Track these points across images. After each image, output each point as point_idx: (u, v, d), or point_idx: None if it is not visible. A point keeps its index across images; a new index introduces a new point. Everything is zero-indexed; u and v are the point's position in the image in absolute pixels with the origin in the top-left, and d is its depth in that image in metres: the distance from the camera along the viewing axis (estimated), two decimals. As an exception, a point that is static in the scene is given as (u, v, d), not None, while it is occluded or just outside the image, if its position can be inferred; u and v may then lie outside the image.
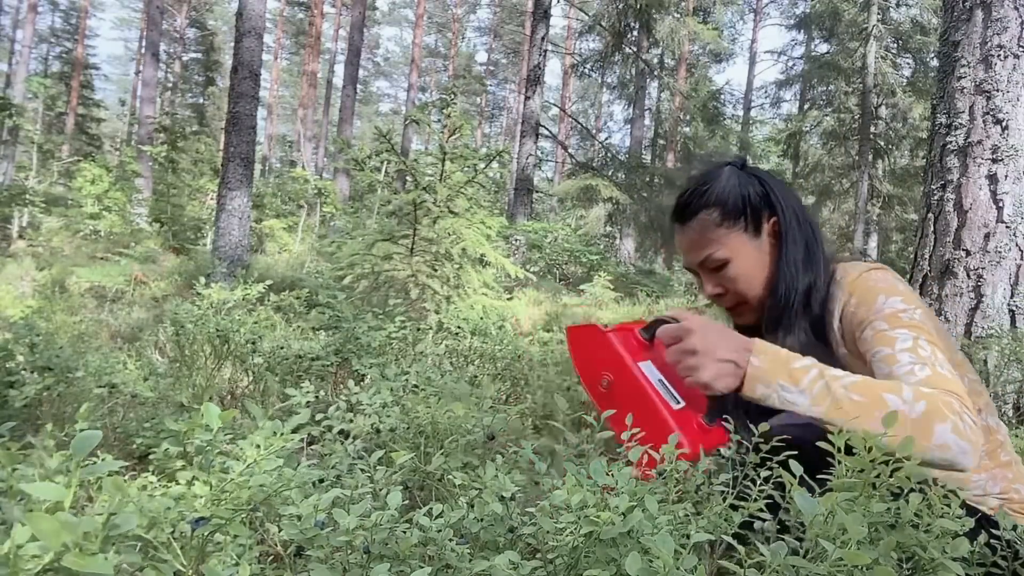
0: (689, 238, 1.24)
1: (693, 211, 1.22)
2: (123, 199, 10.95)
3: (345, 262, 4.13)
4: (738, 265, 1.20)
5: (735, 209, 1.19)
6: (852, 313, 1.12)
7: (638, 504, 0.78)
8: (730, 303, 1.25)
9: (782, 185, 1.24)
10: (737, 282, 1.21)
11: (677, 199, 1.27)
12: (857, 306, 1.12)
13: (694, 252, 1.23)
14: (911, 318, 1.06)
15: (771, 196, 1.21)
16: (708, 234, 1.20)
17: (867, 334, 1.08)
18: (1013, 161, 2.23)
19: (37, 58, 29.93)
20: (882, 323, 1.06)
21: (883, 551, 0.68)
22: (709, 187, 1.21)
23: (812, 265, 1.19)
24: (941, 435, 0.89)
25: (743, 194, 1.20)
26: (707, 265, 1.22)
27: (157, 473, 1.32)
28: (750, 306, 1.24)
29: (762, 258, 1.21)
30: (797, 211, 1.22)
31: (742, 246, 1.20)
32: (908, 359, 1.00)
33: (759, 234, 1.21)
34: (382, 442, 1.57)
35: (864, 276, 1.15)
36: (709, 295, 1.26)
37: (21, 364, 1.88)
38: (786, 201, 1.22)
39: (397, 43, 48.58)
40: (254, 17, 6.43)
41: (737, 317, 1.28)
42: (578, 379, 1.08)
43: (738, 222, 1.20)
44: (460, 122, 4.29)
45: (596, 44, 17.33)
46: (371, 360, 2.54)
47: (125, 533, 0.63)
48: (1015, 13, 2.23)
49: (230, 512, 0.83)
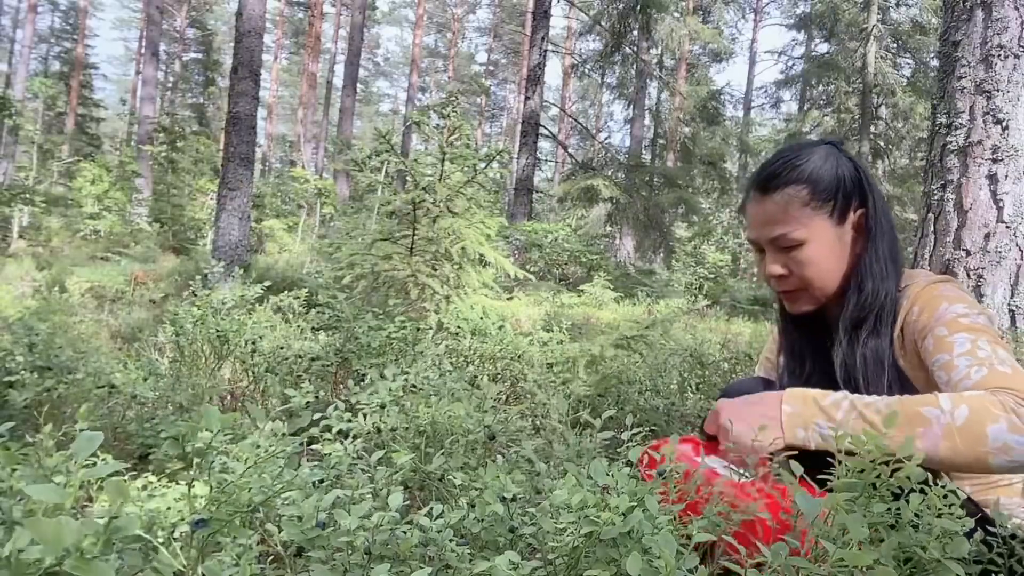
0: (767, 210, 1.16)
1: (781, 183, 1.14)
2: (123, 199, 10.95)
3: (344, 262, 4.13)
4: (814, 250, 1.13)
5: (827, 191, 1.12)
6: (914, 322, 1.09)
7: (638, 504, 0.78)
8: (790, 287, 1.18)
9: (873, 178, 1.18)
10: (807, 267, 1.14)
11: (764, 167, 1.18)
12: (919, 314, 1.08)
13: (769, 226, 1.15)
14: (973, 322, 1.02)
15: (864, 185, 1.15)
16: (791, 210, 1.13)
17: (928, 343, 1.05)
18: (1013, 161, 2.23)
19: (37, 58, 29.95)
20: (942, 328, 1.03)
21: (885, 552, 0.67)
22: (804, 162, 1.14)
23: (896, 267, 1.14)
24: (997, 436, 0.84)
25: (839, 176, 1.13)
26: (779, 243, 1.15)
27: (157, 473, 1.32)
28: (811, 295, 1.17)
29: (840, 248, 1.14)
30: (884, 208, 1.16)
31: (823, 231, 1.13)
32: (965, 363, 0.96)
33: (843, 223, 1.14)
34: (382, 442, 1.57)
35: (930, 287, 1.11)
36: (770, 274, 1.18)
37: (21, 364, 1.88)
38: (877, 194, 1.15)
39: (397, 43, 48.63)
40: (254, 17, 6.42)
41: (791, 303, 1.21)
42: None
43: (826, 205, 1.12)
44: (460, 122, 4.29)
45: (596, 44, 17.35)
46: (371, 360, 2.54)
47: (127, 535, 0.63)
48: (1015, 13, 2.23)
49: (230, 514, 0.83)
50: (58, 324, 3.43)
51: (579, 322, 5.44)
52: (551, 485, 1.02)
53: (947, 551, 0.72)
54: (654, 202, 13.85)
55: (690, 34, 15.26)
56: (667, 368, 2.99)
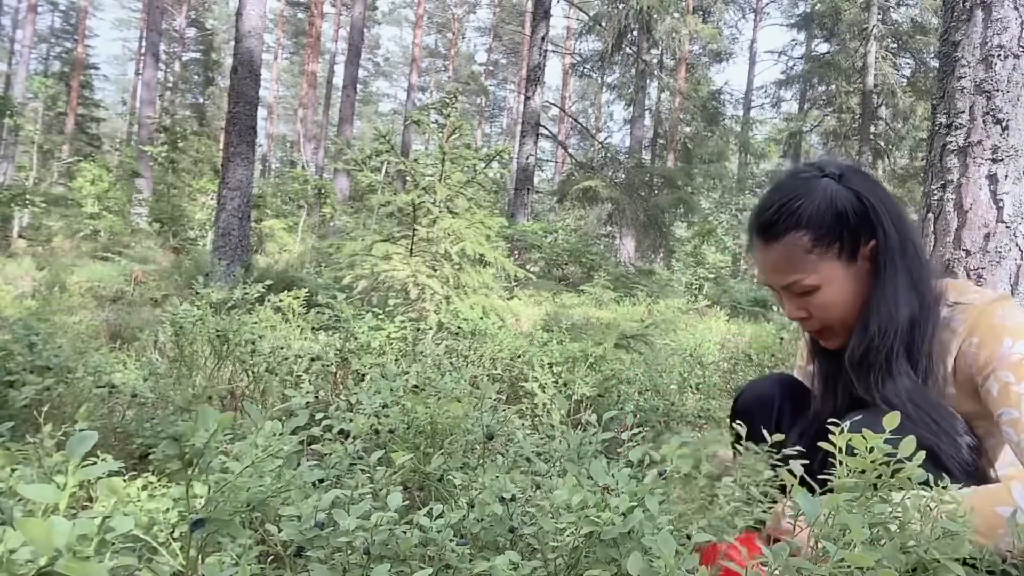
0: (772, 259, 1.10)
1: (780, 231, 1.07)
2: (123, 199, 10.95)
3: (345, 262, 4.13)
4: (828, 293, 1.07)
5: (830, 233, 1.05)
6: (973, 355, 1.00)
7: (638, 504, 0.78)
8: (814, 327, 1.14)
9: (884, 195, 1.09)
10: (825, 310, 1.09)
11: (760, 212, 1.11)
12: (980, 347, 0.99)
13: (778, 275, 1.10)
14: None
15: (871, 216, 1.06)
16: (796, 258, 1.07)
17: (991, 386, 0.97)
18: (1013, 161, 2.23)
19: (37, 58, 29.95)
20: (1008, 374, 0.95)
21: (887, 553, 0.67)
22: (801, 204, 1.06)
23: (916, 292, 1.06)
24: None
25: (840, 213, 1.05)
26: (792, 290, 1.10)
27: (157, 473, 1.32)
28: (836, 332, 1.13)
29: (857, 284, 1.08)
30: (899, 228, 1.07)
31: (834, 273, 1.07)
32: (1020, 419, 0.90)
33: (854, 259, 1.07)
34: (382, 442, 1.57)
35: (988, 311, 1.02)
36: (792, 318, 1.14)
37: (21, 364, 1.88)
38: (888, 219, 1.06)
39: (397, 43, 48.56)
40: (254, 17, 6.42)
41: (823, 340, 1.16)
42: None
43: (832, 247, 1.06)
44: (460, 122, 4.29)
45: (596, 44, 17.33)
46: (371, 360, 2.54)
47: (124, 534, 0.63)
48: (1015, 13, 2.23)
49: (228, 514, 0.83)
50: (58, 324, 3.42)
51: (579, 322, 5.44)
52: (551, 485, 1.02)
53: (947, 551, 0.72)
54: (654, 202, 13.85)
55: (690, 34, 15.26)
56: (667, 368, 2.99)
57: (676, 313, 6.76)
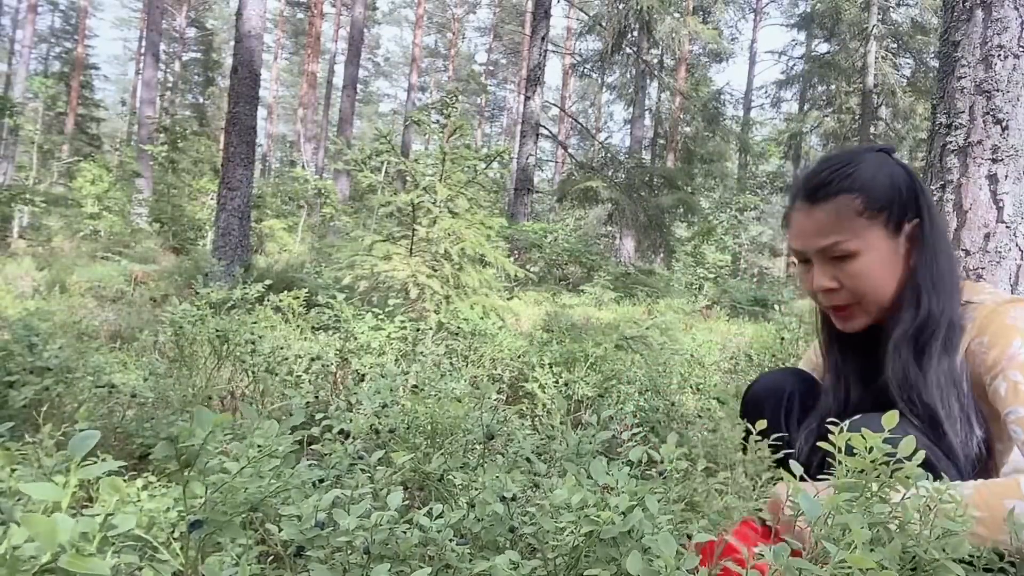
0: (817, 220, 1.08)
1: (832, 191, 1.07)
2: (123, 199, 10.95)
3: (345, 262, 4.13)
4: (867, 261, 1.06)
5: (881, 199, 1.06)
6: (982, 354, 1.01)
7: (638, 504, 0.78)
8: (840, 301, 1.11)
9: (927, 188, 1.11)
10: (860, 280, 1.07)
11: (812, 175, 1.11)
12: (989, 347, 1.00)
13: (819, 237, 1.08)
14: None
15: (920, 196, 1.08)
16: (843, 220, 1.06)
17: (999, 385, 0.97)
18: (1013, 161, 2.23)
19: (37, 58, 29.94)
20: (1017, 373, 0.95)
21: (889, 555, 0.67)
22: (856, 169, 1.07)
23: (955, 283, 1.06)
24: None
25: (894, 184, 1.07)
26: (829, 253, 1.08)
27: (157, 473, 1.32)
28: (864, 309, 1.10)
29: (895, 261, 1.07)
30: (939, 219, 1.09)
31: (878, 242, 1.06)
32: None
33: (898, 234, 1.07)
34: (382, 442, 1.57)
35: (1000, 311, 1.02)
36: (819, 288, 1.10)
37: (20, 364, 1.88)
38: (932, 205, 1.09)
39: (397, 43, 48.59)
40: (254, 17, 6.42)
41: (843, 320, 1.13)
42: None
43: (880, 215, 1.06)
44: (460, 122, 4.29)
45: (596, 44, 17.33)
46: (371, 360, 2.54)
47: (125, 533, 0.63)
48: (1015, 13, 2.23)
49: (226, 514, 0.83)
50: (58, 324, 3.43)
51: (579, 322, 5.44)
52: (550, 484, 1.02)
53: (947, 551, 0.72)
54: (654, 202, 13.85)
55: (690, 34, 15.25)
56: (667, 368, 2.99)
57: (676, 313, 6.76)
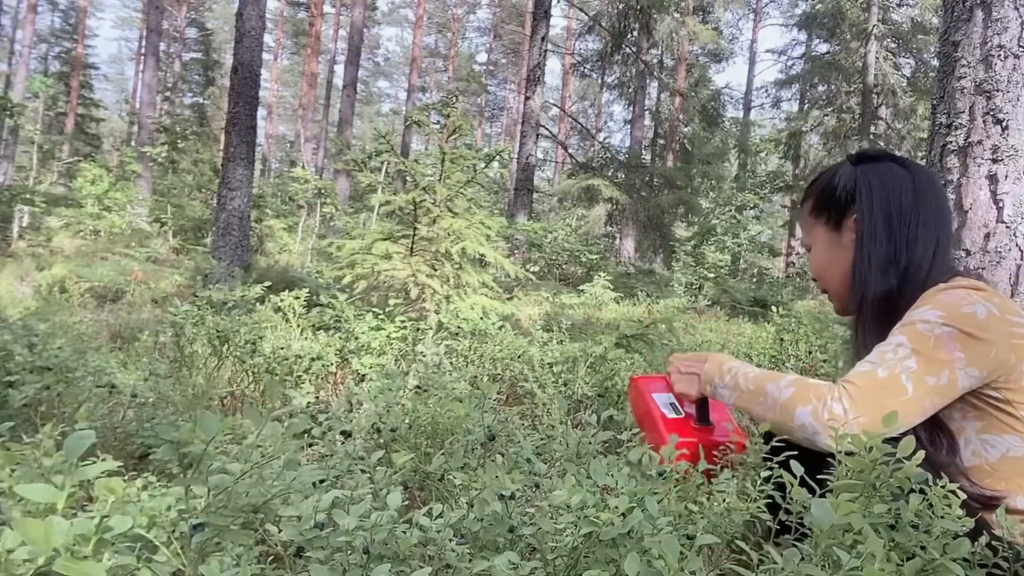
0: (800, 221, 1.39)
1: (804, 198, 1.33)
2: (123, 199, 10.95)
3: (345, 262, 4.13)
4: (815, 252, 1.30)
5: (821, 202, 1.28)
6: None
7: (638, 504, 0.78)
8: (820, 288, 1.34)
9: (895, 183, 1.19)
10: (816, 268, 1.31)
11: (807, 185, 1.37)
12: (911, 312, 1.09)
13: (802, 235, 1.37)
14: (924, 329, 1.02)
15: (859, 194, 1.21)
16: (804, 220, 1.33)
17: (889, 336, 1.08)
18: (1013, 161, 2.22)
19: (37, 58, 29.90)
20: (898, 327, 1.07)
21: (908, 572, 0.67)
22: (821, 178, 1.30)
23: (896, 271, 1.15)
24: (800, 417, 1.01)
25: (832, 188, 1.25)
26: (805, 248, 1.35)
27: (157, 473, 1.32)
28: (833, 294, 1.30)
29: (841, 253, 1.25)
30: (894, 215, 1.17)
31: (822, 237, 1.28)
32: (869, 357, 1.05)
33: (839, 230, 1.25)
34: (382, 442, 1.57)
35: (936, 289, 1.10)
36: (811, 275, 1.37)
37: (20, 364, 1.88)
38: (878, 203, 1.18)
39: (397, 43, 48.60)
40: (254, 17, 6.42)
41: (831, 302, 1.34)
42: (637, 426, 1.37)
43: (821, 215, 1.27)
44: (460, 122, 4.29)
45: (596, 44, 17.32)
46: (371, 360, 2.54)
47: (124, 533, 0.63)
48: (1015, 13, 2.23)
49: (228, 518, 0.83)
50: (58, 324, 3.42)
51: (579, 322, 5.44)
52: (550, 485, 1.02)
53: (947, 551, 0.72)
54: (654, 202, 13.85)
55: (690, 34, 15.25)
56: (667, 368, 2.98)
57: (676, 313, 6.76)
